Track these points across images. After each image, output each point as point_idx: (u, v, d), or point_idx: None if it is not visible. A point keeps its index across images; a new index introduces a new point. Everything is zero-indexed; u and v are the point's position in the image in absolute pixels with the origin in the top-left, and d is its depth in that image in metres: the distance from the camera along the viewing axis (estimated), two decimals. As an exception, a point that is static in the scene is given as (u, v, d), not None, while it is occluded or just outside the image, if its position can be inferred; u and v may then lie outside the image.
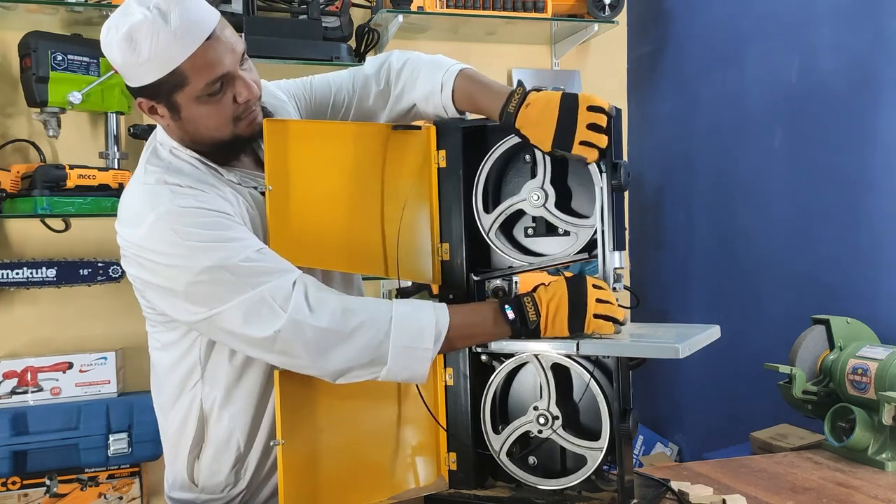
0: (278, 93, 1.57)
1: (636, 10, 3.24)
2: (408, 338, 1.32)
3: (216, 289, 1.29)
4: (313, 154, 1.42)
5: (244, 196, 1.41)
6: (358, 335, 1.30)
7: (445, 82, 1.49)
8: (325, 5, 2.72)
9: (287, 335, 1.28)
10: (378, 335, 1.31)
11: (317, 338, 1.28)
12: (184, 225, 1.30)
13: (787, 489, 1.62)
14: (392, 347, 1.31)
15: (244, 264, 1.28)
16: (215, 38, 1.30)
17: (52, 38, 2.43)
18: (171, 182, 1.35)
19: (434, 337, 1.33)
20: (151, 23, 1.25)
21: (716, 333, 1.52)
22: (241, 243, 1.31)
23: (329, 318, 1.29)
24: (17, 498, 2.43)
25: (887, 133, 2.11)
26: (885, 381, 1.75)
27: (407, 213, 1.53)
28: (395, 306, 1.34)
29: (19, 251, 2.61)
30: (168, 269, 1.31)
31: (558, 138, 1.36)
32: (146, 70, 1.29)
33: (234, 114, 1.36)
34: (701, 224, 2.89)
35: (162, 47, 1.26)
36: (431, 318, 1.34)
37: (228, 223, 1.33)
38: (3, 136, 2.59)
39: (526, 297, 1.38)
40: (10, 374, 2.46)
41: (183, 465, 1.49)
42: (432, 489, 1.54)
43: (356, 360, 1.31)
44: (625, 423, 1.40)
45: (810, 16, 2.36)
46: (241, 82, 1.35)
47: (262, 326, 1.28)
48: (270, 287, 1.28)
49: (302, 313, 1.28)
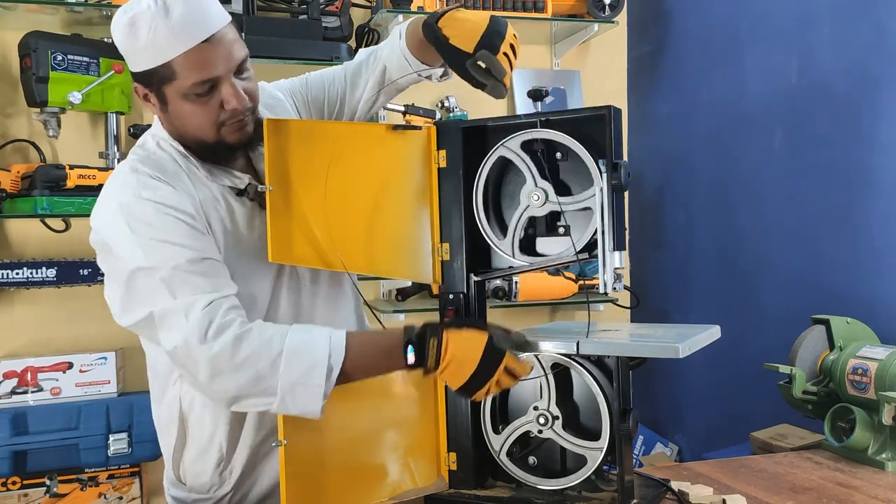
0: (276, 92, 1.58)
1: (636, 10, 3.24)
2: (297, 374, 1.28)
3: (144, 287, 1.31)
4: (313, 154, 1.42)
5: (215, 194, 1.41)
6: (247, 367, 1.28)
7: (402, 31, 1.54)
8: (325, 5, 2.72)
9: (182, 354, 1.29)
10: (266, 369, 1.28)
11: (206, 363, 1.28)
12: (136, 219, 1.32)
13: (787, 489, 1.62)
14: (281, 383, 1.28)
15: (174, 272, 1.29)
16: (213, 42, 1.32)
17: (52, 38, 2.43)
18: (141, 170, 1.37)
19: (325, 373, 1.29)
20: (154, 13, 1.29)
21: (716, 333, 1.52)
22: (183, 250, 1.31)
23: (220, 347, 1.27)
24: (17, 498, 2.43)
25: (887, 133, 2.11)
26: (885, 381, 1.75)
27: (407, 213, 1.53)
28: (288, 338, 1.30)
29: (19, 251, 2.61)
30: (115, 261, 1.34)
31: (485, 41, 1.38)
32: (141, 57, 1.33)
33: (219, 119, 1.37)
34: (701, 224, 2.89)
35: (158, 38, 1.30)
36: (324, 352, 1.30)
37: (180, 225, 1.33)
38: (3, 136, 2.59)
39: (432, 340, 1.32)
40: (10, 374, 2.46)
41: (172, 463, 1.50)
42: (432, 489, 1.54)
43: (246, 390, 1.29)
44: (625, 423, 1.40)
45: (810, 16, 2.36)
46: (230, 90, 1.35)
47: (166, 338, 1.30)
48: (185, 302, 1.28)
49: (197, 337, 1.27)
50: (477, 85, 1.43)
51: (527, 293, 2.70)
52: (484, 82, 1.41)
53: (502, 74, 1.39)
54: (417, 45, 1.52)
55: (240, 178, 1.44)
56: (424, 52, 1.53)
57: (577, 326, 1.73)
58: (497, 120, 1.55)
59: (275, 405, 1.30)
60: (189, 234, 1.34)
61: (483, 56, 1.38)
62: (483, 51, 1.38)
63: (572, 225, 1.49)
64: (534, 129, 1.48)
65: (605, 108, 1.41)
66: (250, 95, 1.39)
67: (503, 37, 1.39)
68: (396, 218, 1.51)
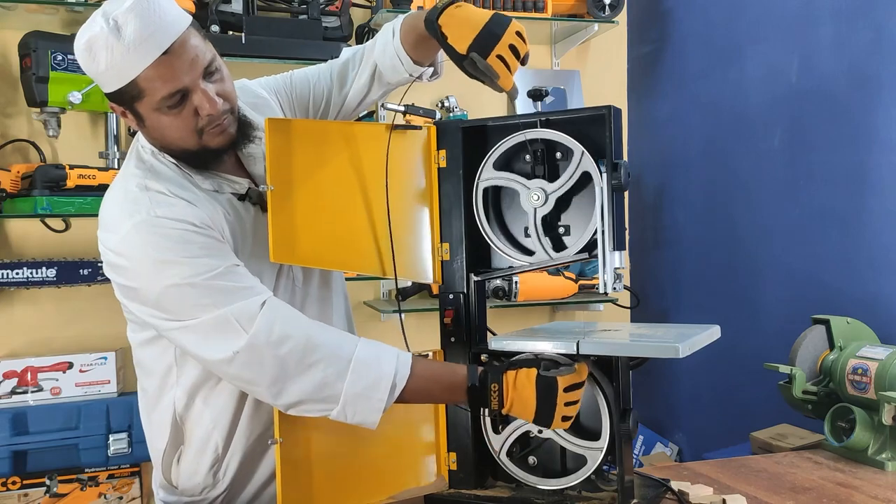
0: (259, 91, 1.56)
1: (636, 10, 3.24)
2: (363, 385, 1.29)
3: (181, 304, 1.29)
4: (313, 153, 1.42)
5: (221, 203, 1.40)
6: (315, 371, 1.28)
7: (396, 28, 1.52)
8: (325, 5, 2.72)
9: (245, 358, 1.27)
10: (334, 375, 1.29)
11: (274, 366, 1.27)
12: (157, 236, 1.29)
13: (787, 489, 1.62)
14: (345, 391, 1.29)
15: (210, 282, 1.28)
16: (173, 53, 1.28)
17: (52, 38, 2.43)
18: (152, 188, 1.34)
19: (389, 389, 1.31)
20: (107, 36, 1.25)
21: (716, 333, 1.52)
22: (212, 260, 1.30)
23: (290, 348, 1.27)
24: (17, 498, 2.43)
25: (887, 133, 2.11)
26: (885, 381, 1.75)
27: (407, 213, 1.53)
28: (358, 349, 1.31)
29: (19, 251, 2.61)
30: (139, 278, 1.32)
31: (478, 43, 1.35)
32: (106, 79, 1.30)
33: (197, 126, 1.34)
34: (701, 224, 2.89)
35: (116, 60, 1.26)
36: (391, 368, 1.31)
37: (201, 238, 1.32)
38: (3, 136, 2.59)
39: (493, 386, 1.34)
40: (10, 374, 2.46)
41: (161, 467, 1.49)
42: (432, 489, 1.54)
43: (310, 394, 1.29)
44: (625, 423, 1.40)
45: (810, 16, 2.36)
46: (201, 96, 1.32)
47: (221, 347, 1.28)
48: (235, 308, 1.27)
49: (264, 338, 1.27)
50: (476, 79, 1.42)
51: (527, 293, 2.71)
52: (480, 80, 1.40)
53: (494, 77, 1.37)
54: (414, 42, 1.50)
55: (239, 184, 1.43)
56: (420, 50, 1.51)
57: (577, 326, 1.73)
58: (497, 120, 1.55)
59: (334, 412, 1.30)
60: (215, 245, 1.33)
61: (475, 59, 1.36)
62: (473, 54, 1.35)
63: (572, 225, 1.49)
64: (534, 129, 1.48)
65: (605, 108, 1.41)
66: (225, 97, 1.36)
67: (498, 37, 1.35)
68: (396, 218, 1.51)
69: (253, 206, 1.44)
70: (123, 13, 1.25)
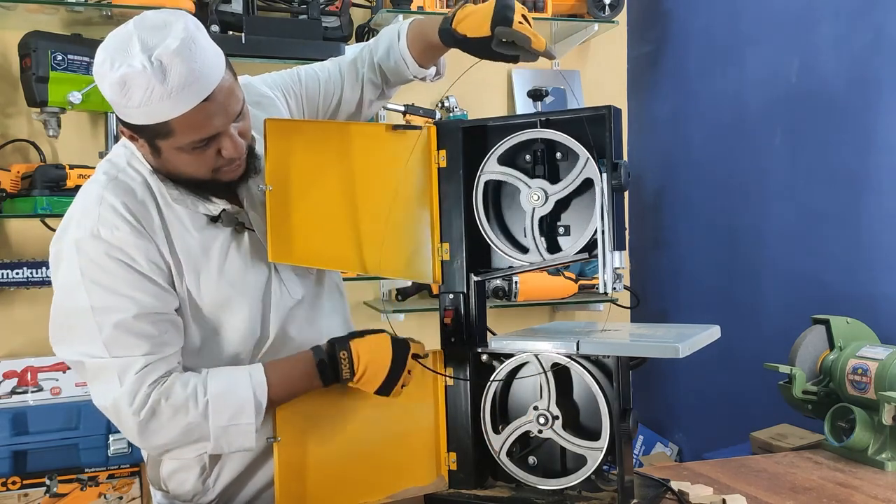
0: (264, 89, 1.56)
1: (636, 10, 3.23)
2: (227, 417, 1.31)
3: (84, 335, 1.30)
4: (313, 153, 1.42)
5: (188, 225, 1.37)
6: (175, 422, 1.30)
7: (402, 31, 1.55)
8: (325, 5, 2.72)
9: (111, 414, 1.31)
10: (196, 419, 1.30)
11: (136, 427, 1.30)
12: (88, 259, 1.29)
13: (787, 489, 1.62)
14: (212, 428, 1.31)
15: (116, 328, 1.28)
16: (211, 100, 1.24)
17: (52, 38, 2.43)
18: (106, 200, 1.31)
19: (255, 410, 1.32)
20: (150, 77, 1.18)
21: (716, 333, 1.52)
22: (129, 303, 1.29)
23: (147, 412, 1.28)
24: (17, 498, 2.43)
25: (887, 133, 2.10)
26: (885, 381, 1.75)
27: (407, 213, 1.53)
28: (210, 385, 1.32)
29: (19, 251, 2.61)
30: (57, 292, 1.33)
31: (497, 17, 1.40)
32: (133, 114, 1.24)
33: (215, 165, 1.33)
34: (701, 224, 2.89)
35: (154, 101, 1.20)
36: (248, 391, 1.32)
37: (132, 274, 1.30)
38: (3, 136, 2.59)
39: (342, 354, 1.36)
40: (10, 374, 2.47)
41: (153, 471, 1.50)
42: (432, 489, 1.54)
43: (178, 440, 1.32)
44: (625, 423, 1.40)
45: (810, 16, 2.36)
46: (228, 140, 1.30)
47: (97, 392, 1.32)
48: (119, 363, 1.28)
49: (126, 402, 1.28)
50: (510, 60, 1.46)
51: (527, 293, 2.71)
52: (515, 54, 1.44)
53: (527, 41, 1.41)
54: (422, 50, 1.54)
55: (214, 205, 1.39)
56: (427, 56, 1.55)
57: (577, 326, 1.73)
58: (497, 120, 1.55)
59: (209, 448, 1.33)
60: (139, 285, 1.30)
61: (502, 32, 1.40)
62: (499, 27, 1.40)
63: (572, 225, 1.49)
64: (534, 129, 1.48)
65: (605, 108, 1.41)
66: (245, 135, 1.34)
67: (513, 9, 1.42)
68: (396, 218, 1.51)
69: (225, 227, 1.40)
70: (170, 56, 1.19)
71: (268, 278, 1.44)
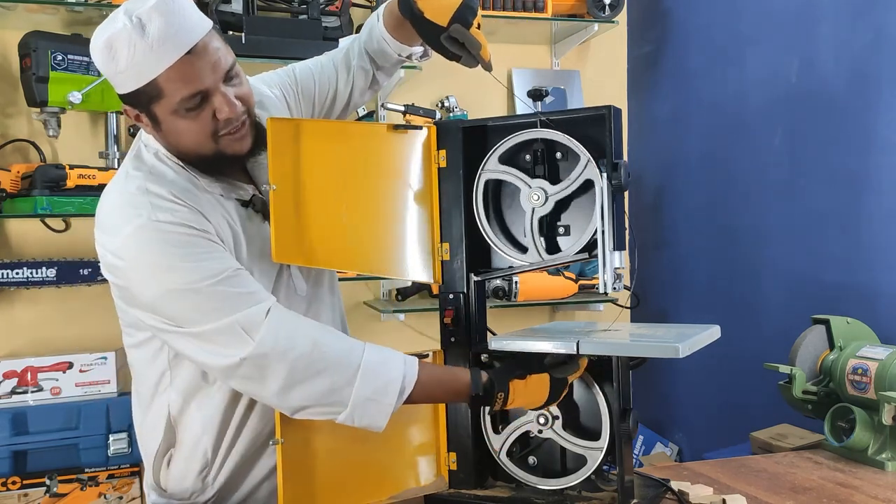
0: (264, 88, 1.56)
1: (636, 10, 3.23)
2: (372, 390, 1.30)
3: (183, 310, 1.28)
4: (314, 153, 1.42)
5: (226, 207, 1.39)
6: (323, 376, 1.28)
7: (380, 11, 1.56)
8: (325, 5, 2.72)
9: (252, 365, 1.26)
10: (343, 381, 1.29)
11: (281, 373, 1.26)
12: (158, 241, 1.28)
13: (787, 489, 1.62)
14: (354, 396, 1.29)
15: (214, 288, 1.27)
16: (195, 54, 1.27)
17: (52, 38, 2.43)
18: (152, 191, 1.32)
19: (398, 392, 1.31)
20: (130, 33, 1.23)
21: (716, 333, 1.52)
22: (215, 265, 1.29)
23: (297, 356, 1.27)
24: (17, 498, 2.43)
25: (887, 133, 2.10)
26: (885, 381, 1.75)
27: (407, 213, 1.53)
28: (365, 354, 1.31)
29: (19, 251, 2.61)
30: (139, 283, 1.31)
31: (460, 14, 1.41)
32: (124, 79, 1.28)
33: (213, 129, 1.33)
34: (701, 224, 2.89)
35: (138, 58, 1.24)
36: (399, 373, 1.32)
37: (203, 243, 1.31)
38: (3, 136, 2.59)
39: (499, 393, 1.37)
40: (10, 374, 2.46)
41: (152, 470, 1.49)
42: (432, 489, 1.54)
43: (317, 399, 1.29)
44: (625, 423, 1.40)
45: (810, 16, 2.36)
46: (221, 99, 1.31)
47: (226, 354, 1.27)
48: (240, 316, 1.26)
49: (270, 346, 1.26)
50: (451, 57, 1.46)
51: (527, 293, 2.71)
52: (458, 54, 1.45)
53: (477, 47, 1.42)
54: (395, 24, 1.55)
55: (244, 190, 1.43)
56: (402, 32, 1.55)
57: (577, 326, 1.73)
58: (497, 120, 1.55)
59: (342, 416, 1.30)
60: (217, 249, 1.32)
61: (457, 30, 1.41)
62: (456, 25, 1.40)
63: (572, 225, 1.49)
64: (534, 129, 1.48)
65: (605, 108, 1.41)
66: (243, 100, 1.35)
67: (475, 13, 1.43)
68: (396, 218, 1.51)
69: (256, 213, 1.43)
70: (147, 11, 1.24)
71: (279, 271, 1.45)
